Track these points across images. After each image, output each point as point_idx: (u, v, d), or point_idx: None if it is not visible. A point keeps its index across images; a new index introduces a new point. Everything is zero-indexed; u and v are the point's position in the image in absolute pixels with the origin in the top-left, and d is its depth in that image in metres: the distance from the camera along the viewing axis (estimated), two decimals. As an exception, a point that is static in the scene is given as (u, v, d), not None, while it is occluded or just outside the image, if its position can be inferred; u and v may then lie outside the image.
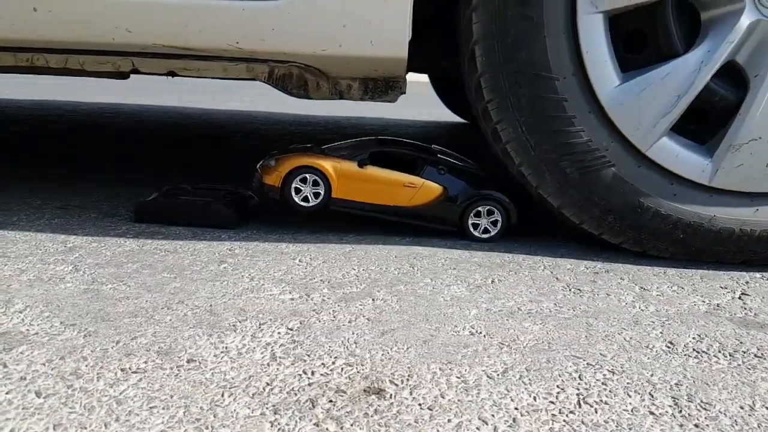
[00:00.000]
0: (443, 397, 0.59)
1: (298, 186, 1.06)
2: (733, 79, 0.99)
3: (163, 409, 0.55)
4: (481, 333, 0.73)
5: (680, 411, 0.58)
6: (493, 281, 0.90)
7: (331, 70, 1.03)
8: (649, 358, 0.69)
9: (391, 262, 0.96)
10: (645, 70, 0.98)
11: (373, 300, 0.81)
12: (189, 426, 0.53)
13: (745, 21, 0.94)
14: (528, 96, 0.98)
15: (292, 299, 0.81)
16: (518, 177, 1.04)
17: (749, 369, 0.67)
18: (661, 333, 0.75)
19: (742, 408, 0.59)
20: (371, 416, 0.55)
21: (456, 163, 1.12)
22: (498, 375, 0.63)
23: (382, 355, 0.67)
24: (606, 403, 0.59)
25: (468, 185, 1.08)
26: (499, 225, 1.08)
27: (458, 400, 0.58)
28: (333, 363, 0.65)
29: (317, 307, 0.79)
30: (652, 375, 0.65)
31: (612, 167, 0.99)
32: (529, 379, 0.63)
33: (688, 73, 0.95)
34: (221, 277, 0.87)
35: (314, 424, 0.54)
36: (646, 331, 0.75)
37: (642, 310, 0.82)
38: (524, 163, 1.02)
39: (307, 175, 1.05)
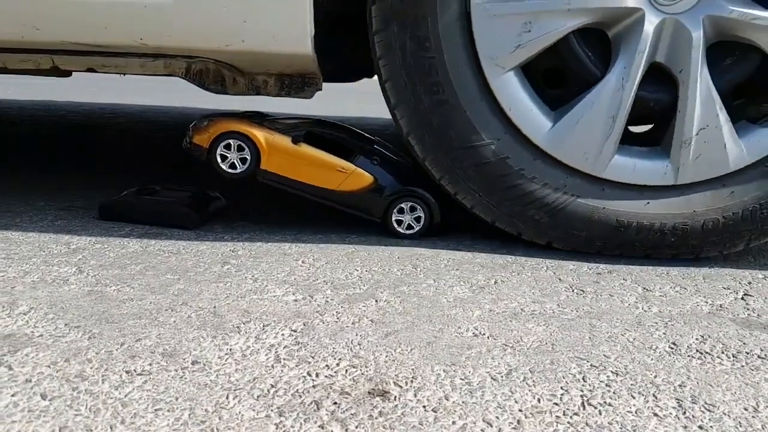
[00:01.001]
0: (447, 399, 0.59)
1: (223, 152, 1.04)
2: (662, 79, 0.99)
3: (169, 411, 0.55)
4: (484, 334, 0.73)
5: (684, 413, 0.58)
6: (495, 282, 0.90)
7: (244, 66, 1.05)
8: (652, 359, 0.69)
9: (393, 263, 0.97)
10: (572, 104, 1.00)
11: (376, 301, 0.81)
12: (194, 428, 0.53)
13: (649, 26, 0.95)
14: (472, 165, 1.01)
15: (296, 300, 0.81)
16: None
17: (753, 370, 0.67)
18: (664, 334, 0.75)
19: (746, 409, 0.59)
20: (376, 418, 0.56)
21: (390, 156, 1.11)
22: (502, 377, 0.63)
23: (386, 356, 0.67)
24: (610, 404, 0.59)
25: (397, 180, 1.08)
26: (422, 222, 1.07)
27: (462, 402, 0.58)
28: (337, 365, 0.65)
29: (321, 308, 0.79)
30: (655, 376, 0.65)
31: (578, 198, 1.01)
32: (533, 381, 0.63)
33: (613, 93, 0.97)
34: (225, 279, 0.87)
35: (319, 426, 0.54)
36: (649, 332, 0.75)
37: (645, 311, 0.82)
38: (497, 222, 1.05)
39: (232, 141, 1.03)
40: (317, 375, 0.63)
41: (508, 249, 1.05)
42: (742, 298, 0.89)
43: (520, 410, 0.58)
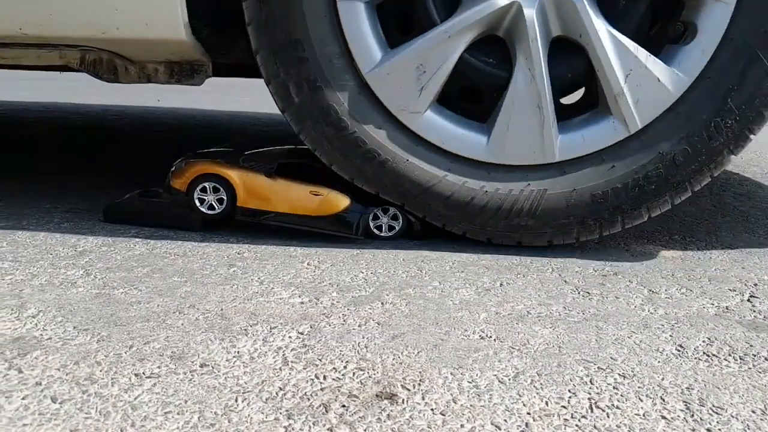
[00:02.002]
0: (455, 402, 0.59)
1: (201, 195, 1.07)
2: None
3: (178, 414, 0.56)
4: (491, 337, 0.73)
5: (692, 415, 0.59)
6: (501, 284, 0.90)
7: (131, 55, 1.07)
8: (659, 361, 0.69)
9: (398, 265, 0.97)
10: (496, 112, 1.01)
11: (382, 304, 0.82)
12: (204, 431, 0.53)
13: (530, 12, 0.96)
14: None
15: (302, 303, 0.81)
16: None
17: (760, 372, 0.67)
18: (670, 336, 0.75)
19: (753, 412, 0.60)
20: (384, 421, 0.56)
21: None
22: (509, 380, 0.63)
23: (393, 359, 0.67)
24: (618, 407, 0.59)
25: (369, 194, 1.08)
26: (400, 220, 1.07)
27: (470, 405, 0.58)
28: (344, 367, 0.65)
29: (327, 311, 0.79)
30: (663, 379, 0.65)
31: (548, 191, 1.02)
32: (541, 384, 0.63)
33: (527, 86, 0.98)
34: (231, 281, 0.87)
35: (327, 429, 0.54)
36: (655, 335, 0.75)
37: (651, 314, 0.82)
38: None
39: (207, 184, 1.06)
40: (325, 378, 0.63)
41: (513, 251, 1.05)
42: (749, 300, 0.89)
43: (528, 413, 0.58)
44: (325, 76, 1.00)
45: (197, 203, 1.07)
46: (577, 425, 0.56)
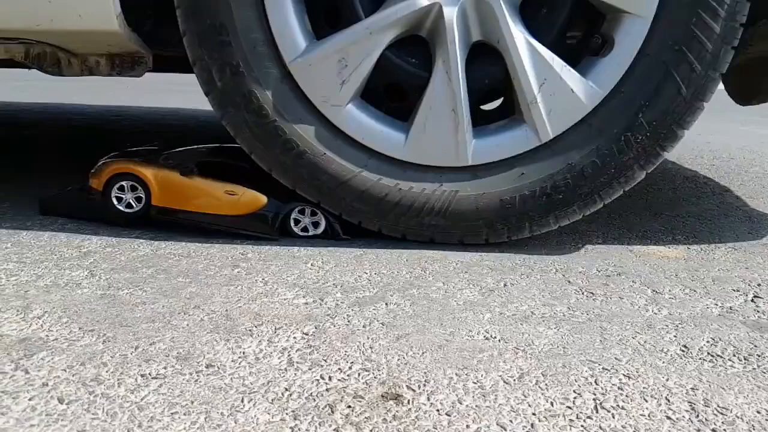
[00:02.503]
0: (461, 403, 0.59)
1: (118, 193, 1.07)
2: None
3: (185, 414, 0.56)
4: (495, 338, 0.73)
5: (697, 416, 0.59)
6: (505, 285, 0.90)
7: (72, 47, 1.08)
8: (663, 362, 0.69)
9: (402, 265, 0.97)
10: (415, 111, 1.01)
11: (386, 304, 0.82)
12: (210, 432, 0.54)
13: (450, 13, 0.96)
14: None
15: (306, 304, 0.81)
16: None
17: (765, 373, 0.67)
18: (674, 337, 0.75)
19: (758, 413, 0.60)
20: (390, 422, 0.56)
21: None
22: (514, 380, 0.64)
23: (398, 360, 0.67)
24: (623, 408, 0.60)
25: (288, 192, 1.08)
26: (322, 222, 1.07)
27: (476, 406, 0.59)
28: (350, 368, 0.65)
29: (331, 311, 0.79)
30: (667, 379, 0.65)
31: (459, 192, 1.03)
32: (546, 385, 0.63)
33: (444, 88, 0.99)
34: (235, 282, 0.87)
35: (333, 430, 0.54)
36: (660, 335, 0.76)
37: (655, 314, 0.82)
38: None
39: (124, 183, 1.07)
40: (330, 378, 0.63)
41: (516, 251, 1.05)
42: (752, 300, 0.89)
43: (534, 414, 0.58)
44: (248, 62, 1.00)
45: (114, 201, 1.08)
46: (582, 426, 0.56)
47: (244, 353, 0.67)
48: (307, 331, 0.73)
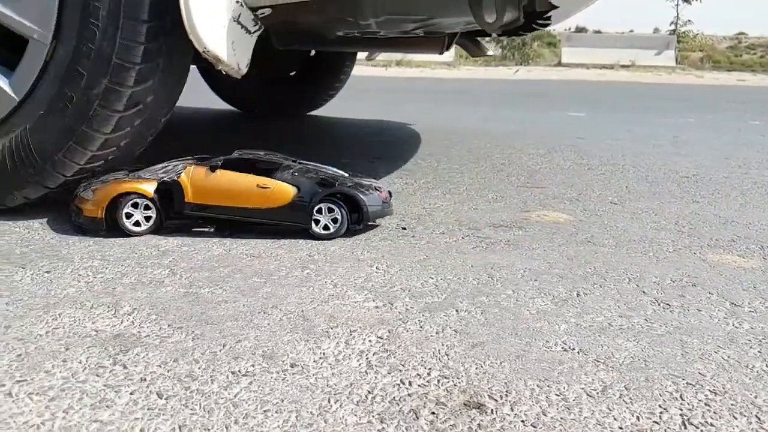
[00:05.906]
0: (545, 415, 0.59)
1: (129, 211, 1.06)
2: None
3: (277, 413, 0.58)
4: (574, 349, 0.72)
5: (793, 438, 0.57)
6: (578, 294, 0.89)
7: None
8: (750, 378, 0.67)
9: (468, 271, 0.97)
10: None
11: (456, 311, 0.82)
12: (303, 430, 0.56)
13: None
14: None
15: (377, 307, 0.83)
16: None
17: None
18: (759, 352, 0.73)
19: None
20: (475, 430, 0.57)
21: (307, 165, 1.16)
22: (597, 393, 0.63)
23: (476, 368, 0.67)
24: (712, 425, 0.58)
25: (317, 186, 1.10)
26: (339, 222, 1.09)
27: (561, 419, 0.58)
28: (428, 374, 0.66)
29: (402, 316, 0.80)
30: (756, 396, 0.63)
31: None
32: (630, 398, 0.62)
33: None
34: (306, 283, 0.90)
35: (420, 435, 0.55)
36: (743, 350, 0.73)
37: (736, 328, 0.80)
38: None
39: (139, 200, 1.07)
40: (410, 383, 0.64)
41: (585, 259, 1.04)
42: (841, 317, 0.85)
43: (620, 428, 0.57)
44: None
45: (125, 220, 1.08)
46: (672, 443, 0.55)
47: (324, 354, 0.69)
48: (381, 335, 0.74)
